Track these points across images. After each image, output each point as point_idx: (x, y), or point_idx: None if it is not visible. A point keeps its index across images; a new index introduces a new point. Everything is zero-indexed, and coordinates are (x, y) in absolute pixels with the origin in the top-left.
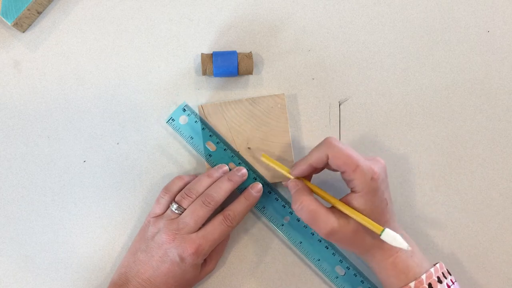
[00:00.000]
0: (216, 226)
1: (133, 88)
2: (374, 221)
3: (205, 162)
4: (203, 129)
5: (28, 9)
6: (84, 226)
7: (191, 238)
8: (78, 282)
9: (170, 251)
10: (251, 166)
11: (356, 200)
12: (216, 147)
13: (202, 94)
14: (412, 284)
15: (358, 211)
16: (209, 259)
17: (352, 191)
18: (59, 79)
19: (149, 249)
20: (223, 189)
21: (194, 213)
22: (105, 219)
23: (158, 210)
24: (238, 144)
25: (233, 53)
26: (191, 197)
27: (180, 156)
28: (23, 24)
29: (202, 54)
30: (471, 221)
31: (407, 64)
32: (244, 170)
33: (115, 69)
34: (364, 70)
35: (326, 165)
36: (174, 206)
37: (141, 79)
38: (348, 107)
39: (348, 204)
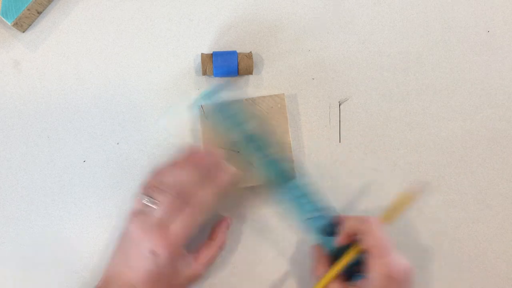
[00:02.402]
0: (185, 217)
1: (133, 88)
2: None
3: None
4: (230, 116)
5: (28, 9)
6: (84, 226)
7: (161, 231)
8: (78, 282)
9: (142, 247)
10: (279, 156)
11: None
12: (243, 136)
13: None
14: None
15: None
16: (194, 261)
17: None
18: (59, 79)
19: (125, 249)
20: (185, 174)
21: (164, 204)
22: (105, 219)
23: (135, 205)
24: (237, 142)
25: (233, 53)
26: (161, 189)
27: None
28: (23, 24)
29: (202, 54)
30: (471, 221)
31: (407, 64)
32: (229, 170)
33: (115, 69)
34: (364, 70)
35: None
36: (144, 199)
37: (141, 79)
38: (348, 107)
39: None
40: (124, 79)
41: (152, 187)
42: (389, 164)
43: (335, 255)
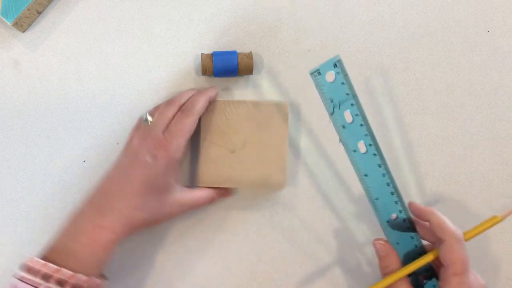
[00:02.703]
0: (179, 120)
1: (133, 88)
2: None
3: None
4: (347, 94)
5: (28, 9)
6: None
7: (160, 136)
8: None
9: (140, 153)
10: (381, 152)
11: None
12: (353, 119)
13: None
14: None
15: None
16: (186, 191)
17: None
18: (59, 79)
19: (119, 163)
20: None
21: (162, 114)
22: None
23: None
24: (234, 142)
25: (233, 53)
26: (160, 109)
27: None
28: (23, 24)
29: (202, 54)
30: (471, 221)
31: (407, 64)
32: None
33: (115, 69)
34: (364, 70)
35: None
36: (144, 117)
37: (141, 79)
38: None
39: None
40: (124, 79)
41: (151, 111)
42: (389, 165)
43: (407, 254)
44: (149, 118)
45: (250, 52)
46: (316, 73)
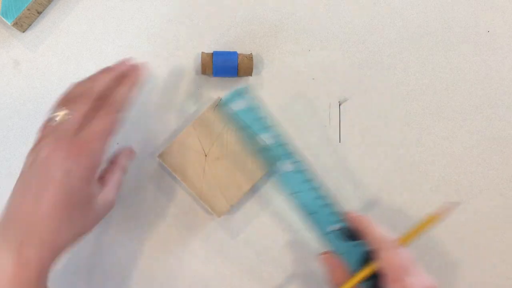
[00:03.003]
0: (96, 120)
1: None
2: None
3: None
4: (260, 118)
5: (28, 9)
6: None
7: (71, 142)
8: (78, 283)
9: (50, 168)
10: (306, 167)
11: None
12: (273, 141)
13: (202, 93)
14: None
15: None
16: (104, 186)
17: None
18: (59, 79)
19: (25, 179)
20: (101, 78)
21: (73, 110)
22: (104, 219)
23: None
24: (212, 150)
25: (233, 54)
26: (69, 100)
27: None
28: (23, 24)
29: (202, 53)
30: (471, 221)
31: (407, 64)
32: (136, 68)
33: None
34: (364, 70)
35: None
36: (50, 114)
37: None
38: (348, 107)
39: None
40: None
41: (60, 102)
42: (389, 164)
43: (354, 262)
44: (57, 115)
45: (251, 53)
46: (227, 104)
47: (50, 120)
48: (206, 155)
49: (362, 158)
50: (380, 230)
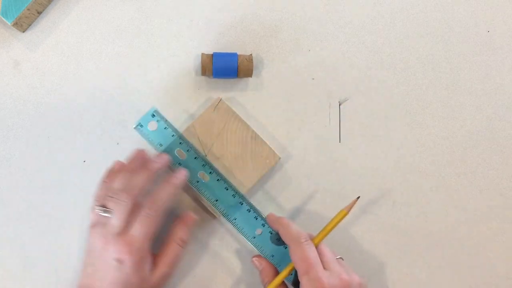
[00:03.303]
0: (142, 219)
1: (133, 88)
2: None
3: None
4: (172, 135)
5: (28, 9)
6: (84, 226)
7: (122, 238)
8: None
9: (107, 257)
10: (223, 176)
11: None
12: (186, 155)
13: (201, 94)
14: None
15: None
16: (160, 261)
17: None
18: (59, 79)
19: (93, 260)
20: (141, 175)
21: (120, 206)
22: None
23: (92, 217)
24: (212, 150)
25: (233, 55)
26: (113, 197)
27: None
28: (23, 24)
29: (202, 54)
30: (471, 221)
31: (407, 64)
32: (183, 171)
33: (115, 69)
34: (364, 70)
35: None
36: (99, 210)
37: (141, 79)
38: (348, 107)
39: None
40: (124, 79)
41: (103, 196)
42: (389, 164)
43: (285, 263)
44: (103, 213)
45: (251, 54)
46: (139, 126)
47: (96, 213)
48: (206, 155)
49: (362, 158)
50: (295, 228)
